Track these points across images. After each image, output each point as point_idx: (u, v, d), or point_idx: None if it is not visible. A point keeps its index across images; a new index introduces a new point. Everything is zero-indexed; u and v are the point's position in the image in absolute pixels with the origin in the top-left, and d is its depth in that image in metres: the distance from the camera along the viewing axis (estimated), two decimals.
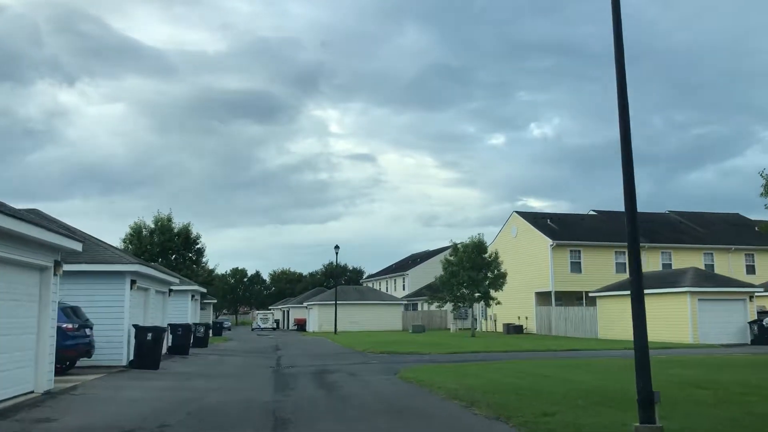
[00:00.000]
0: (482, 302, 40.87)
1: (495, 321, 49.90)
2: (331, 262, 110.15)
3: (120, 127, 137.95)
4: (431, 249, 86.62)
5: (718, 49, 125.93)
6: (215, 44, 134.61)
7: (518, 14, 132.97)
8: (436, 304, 42.58)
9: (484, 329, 48.29)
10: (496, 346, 29.63)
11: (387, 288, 78.48)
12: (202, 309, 44.01)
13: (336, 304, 50.93)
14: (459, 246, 40.18)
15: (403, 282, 75.93)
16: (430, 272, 72.63)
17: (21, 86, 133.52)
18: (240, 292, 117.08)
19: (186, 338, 23.46)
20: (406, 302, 64.22)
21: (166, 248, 41.16)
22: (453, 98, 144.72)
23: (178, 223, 42.68)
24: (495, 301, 39.87)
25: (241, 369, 19.14)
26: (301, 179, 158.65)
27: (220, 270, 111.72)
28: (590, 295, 38.38)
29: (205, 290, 33.84)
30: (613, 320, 35.79)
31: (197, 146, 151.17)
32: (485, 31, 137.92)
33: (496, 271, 39.77)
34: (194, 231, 42.98)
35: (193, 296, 30.04)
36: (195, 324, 29.51)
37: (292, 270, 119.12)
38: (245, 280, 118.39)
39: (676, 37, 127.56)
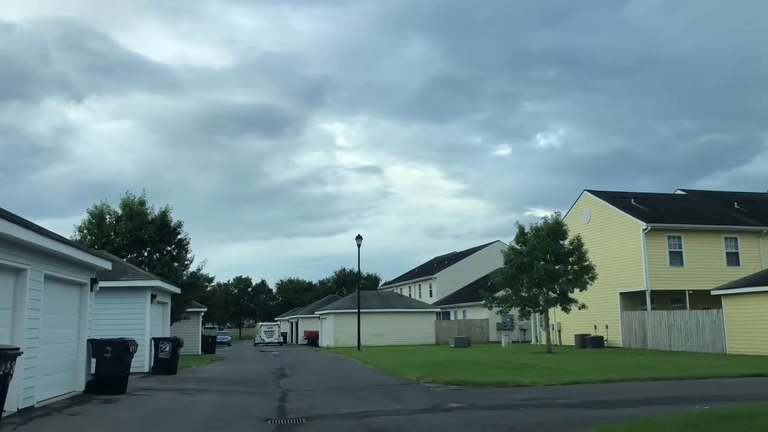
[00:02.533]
0: (558, 306, 30.24)
1: (559, 332, 39.48)
2: (344, 269, 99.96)
3: (127, 143, 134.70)
4: (458, 251, 76.86)
5: (723, 56, 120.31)
6: (221, 59, 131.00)
7: (521, 25, 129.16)
8: (497, 309, 31.88)
9: (543, 342, 37.81)
10: (619, 370, 19.26)
11: (411, 295, 67.95)
12: (184, 319, 33.77)
13: (359, 312, 40.53)
14: (529, 230, 29.60)
15: (430, 287, 65.49)
16: (460, 276, 62.52)
17: (29, 104, 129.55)
18: (244, 303, 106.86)
19: (119, 364, 13.24)
20: (439, 310, 53.72)
21: (137, 239, 31.07)
22: (458, 110, 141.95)
23: (153, 207, 32.57)
24: (578, 305, 29.45)
25: None
26: (307, 192, 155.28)
27: (222, 279, 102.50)
28: (713, 293, 27.88)
29: (178, 290, 23.56)
30: (756, 328, 25.42)
31: (204, 161, 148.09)
32: (489, 43, 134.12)
33: (578, 265, 29.29)
34: (174, 218, 32.74)
35: (154, 297, 19.80)
36: (156, 339, 19.33)
37: (300, 279, 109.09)
38: (249, 290, 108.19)
39: (681, 45, 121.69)
